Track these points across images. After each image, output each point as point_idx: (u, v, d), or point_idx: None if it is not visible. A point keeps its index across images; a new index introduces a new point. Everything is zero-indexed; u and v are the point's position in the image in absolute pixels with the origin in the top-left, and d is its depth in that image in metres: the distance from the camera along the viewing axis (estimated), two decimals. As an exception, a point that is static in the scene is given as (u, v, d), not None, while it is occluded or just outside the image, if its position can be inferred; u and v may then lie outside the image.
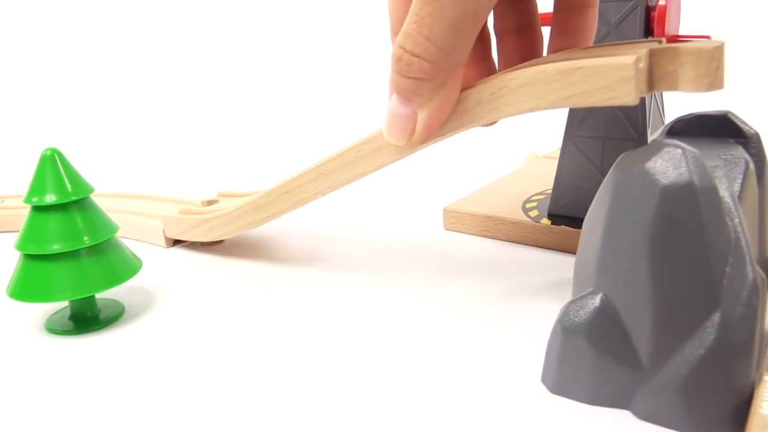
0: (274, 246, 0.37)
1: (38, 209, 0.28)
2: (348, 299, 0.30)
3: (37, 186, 0.28)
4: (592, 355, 0.21)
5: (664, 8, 0.30)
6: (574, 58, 0.21)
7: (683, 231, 0.19)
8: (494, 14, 0.27)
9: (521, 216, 0.35)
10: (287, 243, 0.38)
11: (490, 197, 0.39)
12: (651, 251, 0.20)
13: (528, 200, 0.38)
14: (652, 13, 0.31)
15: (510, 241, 0.35)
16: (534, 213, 0.36)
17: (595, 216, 0.22)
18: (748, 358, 0.19)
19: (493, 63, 0.28)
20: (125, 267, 0.29)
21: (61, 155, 0.28)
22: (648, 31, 0.31)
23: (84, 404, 0.23)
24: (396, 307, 0.29)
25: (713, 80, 0.20)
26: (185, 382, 0.24)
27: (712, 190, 0.19)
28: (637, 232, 0.20)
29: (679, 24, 0.33)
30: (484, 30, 0.27)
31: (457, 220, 0.37)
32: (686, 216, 0.19)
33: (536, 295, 0.29)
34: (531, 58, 0.27)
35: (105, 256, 0.28)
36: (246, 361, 0.25)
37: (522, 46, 0.27)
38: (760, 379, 0.20)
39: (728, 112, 0.25)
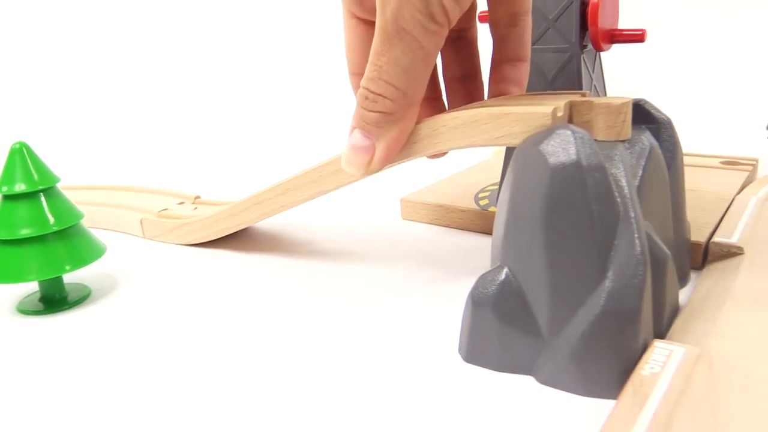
0: (238, 235, 0.39)
1: (8, 198, 0.30)
2: (307, 282, 0.32)
3: (7, 176, 0.30)
4: (497, 325, 0.22)
5: (597, 4, 0.31)
6: (505, 105, 0.25)
7: (572, 206, 0.21)
8: (443, 65, 0.32)
9: (471, 205, 0.37)
10: (251, 232, 0.40)
11: (447, 188, 0.41)
12: (544, 226, 0.21)
13: (482, 190, 0.39)
14: (587, 9, 0.32)
15: (460, 229, 0.37)
16: (484, 202, 0.37)
17: (502, 196, 0.23)
18: (635, 324, 0.21)
19: (443, 104, 0.33)
20: (90, 250, 0.31)
21: (29, 148, 0.30)
22: (584, 26, 0.32)
23: (52, 378, 0.25)
24: (348, 289, 0.31)
25: (620, 131, 0.23)
26: (146, 357, 0.26)
27: (599, 169, 0.21)
28: (532, 209, 0.21)
29: (618, 18, 0.34)
30: (435, 78, 0.32)
31: (413, 210, 0.39)
32: (574, 193, 0.21)
33: (476, 276, 0.31)
34: (476, 101, 0.31)
35: (71, 241, 0.31)
36: (206, 338, 0.27)
37: (467, 92, 0.32)
38: (651, 344, 0.22)
39: (641, 99, 0.27)
